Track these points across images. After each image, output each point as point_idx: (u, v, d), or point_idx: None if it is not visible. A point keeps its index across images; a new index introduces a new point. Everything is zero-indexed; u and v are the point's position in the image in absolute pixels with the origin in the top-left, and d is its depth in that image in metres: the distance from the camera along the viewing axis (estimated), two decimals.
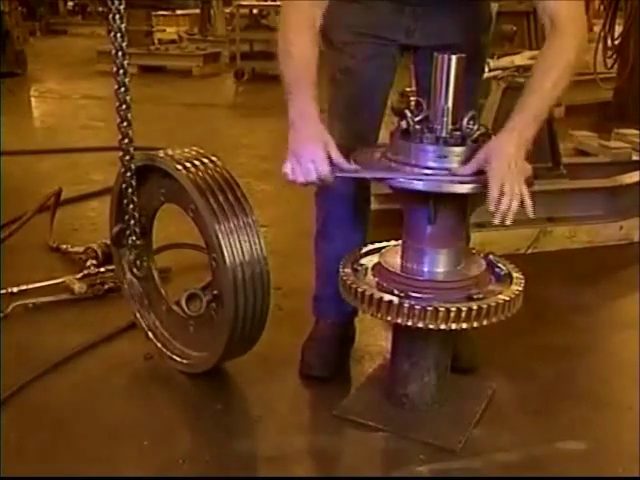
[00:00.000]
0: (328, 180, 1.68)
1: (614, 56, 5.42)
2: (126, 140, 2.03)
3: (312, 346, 2.20)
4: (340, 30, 1.98)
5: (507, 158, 1.60)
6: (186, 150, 2.06)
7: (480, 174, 1.63)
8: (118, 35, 1.95)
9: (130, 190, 2.08)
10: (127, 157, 2.04)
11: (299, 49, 1.70)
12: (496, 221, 1.58)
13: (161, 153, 2.05)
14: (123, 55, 1.97)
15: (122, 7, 1.93)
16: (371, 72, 1.95)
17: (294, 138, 1.70)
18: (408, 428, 1.89)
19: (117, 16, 1.94)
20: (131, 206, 2.10)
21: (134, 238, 2.16)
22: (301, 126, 1.70)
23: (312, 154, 1.67)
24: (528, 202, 1.59)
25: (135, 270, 2.22)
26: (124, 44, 1.96)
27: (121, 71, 1.98)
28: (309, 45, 1.71)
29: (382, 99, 2.06)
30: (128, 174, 2.06)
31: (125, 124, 2.02)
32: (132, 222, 2.13)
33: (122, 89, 2.00)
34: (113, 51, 1.97)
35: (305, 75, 1.70)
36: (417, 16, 1.92)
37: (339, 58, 2.01)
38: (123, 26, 1.95)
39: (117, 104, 2.01)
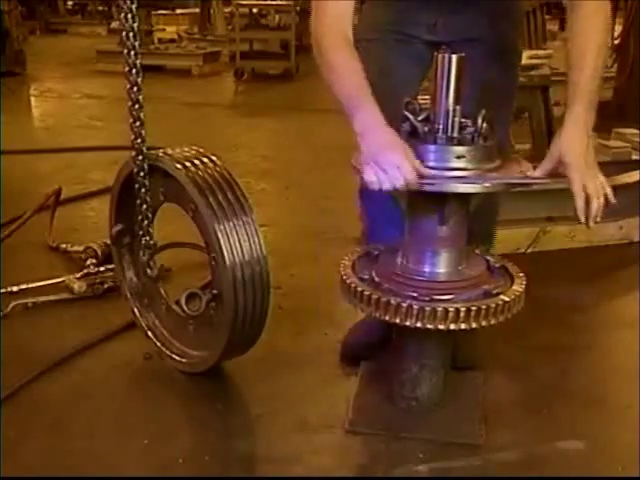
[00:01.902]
0: (413, 186, 1.61)
1: (614, 56, 5.42)
2: (139, 140, 2.02)
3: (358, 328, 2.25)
4: (360, 27, 1.97)
5: (582, 154, 1.59)
6: (186, 149, 2.06)
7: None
8: (130, 34, 1.95)
9: (143, 190, 2.07)
10: (140, 157, 2.03)
11: (342, 63, 1.68)
12: (590, 224, 1.61)
13: (161, 152, 2.05)
14: (135, 54, 1.96)
15: (134, 6, 1.93)
16: (393, 70, 1.89)
17: (372, 146, 1.63)
18: (424, 431, 1.89)
19: (129, 15, 1.94)
20: (144, 206, 2.10)
21: (148, 238, 2.16)
22: (376, 135, 1.64)
23: (397, 160, 1.59)
24: (610, 194, 1.62)
25: (149, 270, 2.20)
26: (136, 43, 1.96)
27: (133, 70, 1.98)
28: (351, 57, 1.69)
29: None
30: (141, 174, 2.05)
31: (138, 124, 2.01)
32: (145, 222, 2.12)
33: (134, 88, 1.99)
34: (125, 50, 1.96)
35: (360, 87, 1.67)
36: (441, 11, 1.89)
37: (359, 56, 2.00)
38: (135, 25, 1.95)
39: (130, 104, 2.00)
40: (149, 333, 2.26)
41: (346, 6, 1.73)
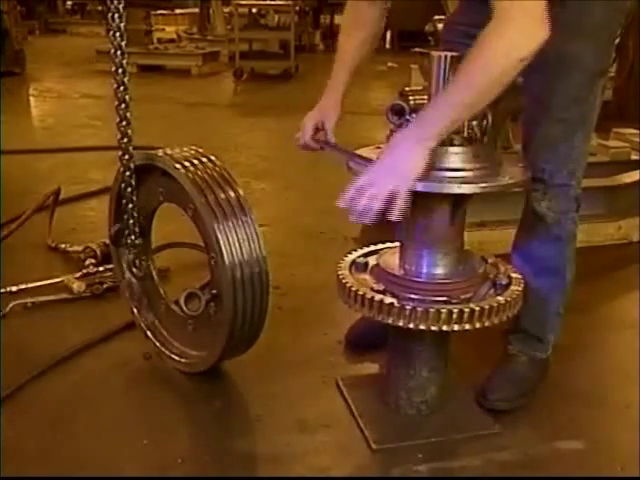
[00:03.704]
0: (310, 148, 1.97)
1: (613, 55, 5.42)
2: (125, 139, 2.03)
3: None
4: (444, 27, 2.02)
5: (391, 158, 1.57)
6: (185, 149, 2.06)
7: None
8: (117, 34, 1.95)
9: (129, 189, 2.08)
10: (126, 156, 2.04)
11: (341, 44, 2.00)
12: (351, 218, 1.61)
13: (160, 152, 2.05)
14: (122, 54, 1.97)
15: (121, 6, 1.93)
16: None
17: None
18: (445, 431, 1.89)
19: (116, 15, 1.94)
20: (130, 205, 2.10)
21: (133, 237, 2.16)
22: (323, 98, 1.98)
23: (304, 123, 1.96)
24: (392, 205, 1.53)
25: (135, 269, 2.22)
26: (123, 43, 1.96)
27: (120, 70, 1.98)
28: (350, 42, 1.96)
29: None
30: (127, 173, 2.06)
31: (124, 123, 2.02)
32: (131, 222, 2.13)
33: (121, 88, 2.00)
34: (112, 50, 1.97)
35: (341, 62, 1.97)
36: None
37: None
38: (122, 25, 1.95)
39: (116, 103, 2.01)
40: (148, 333, 2.26)
41: (367, 7, 1.92)
